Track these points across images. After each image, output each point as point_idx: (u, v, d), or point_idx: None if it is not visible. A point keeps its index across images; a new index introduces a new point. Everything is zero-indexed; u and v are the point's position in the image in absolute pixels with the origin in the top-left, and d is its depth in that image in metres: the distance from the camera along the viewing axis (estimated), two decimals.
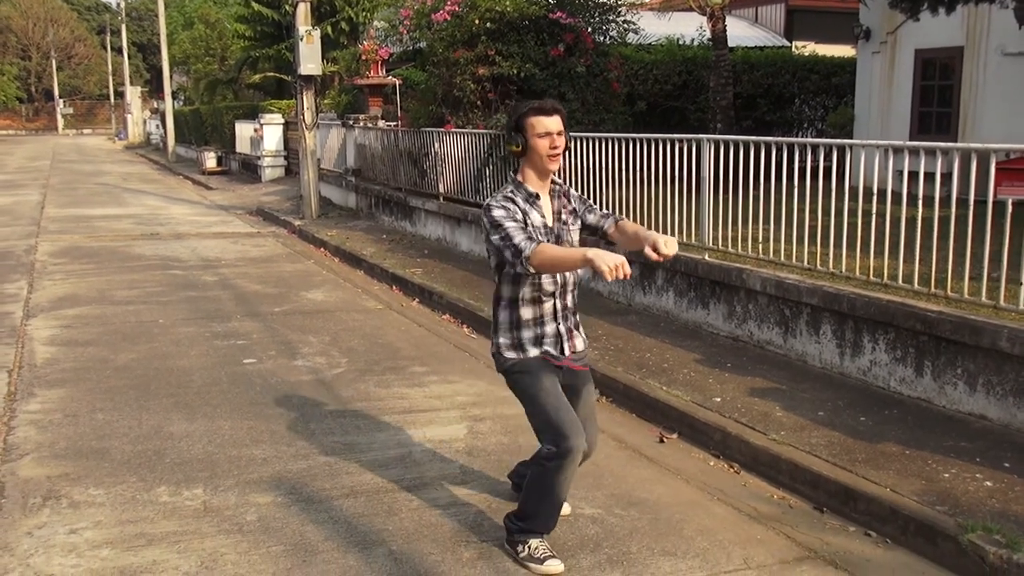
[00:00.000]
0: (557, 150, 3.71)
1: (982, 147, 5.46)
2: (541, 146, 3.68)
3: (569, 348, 3.92)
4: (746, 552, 4.05)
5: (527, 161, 3.77)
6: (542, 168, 3.75)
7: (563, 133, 3.71)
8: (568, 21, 12.32)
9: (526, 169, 3.80)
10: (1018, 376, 5.06)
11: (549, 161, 3.72)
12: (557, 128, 3.68)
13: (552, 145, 3.69)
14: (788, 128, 17.94)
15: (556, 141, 3.69)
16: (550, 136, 3.67)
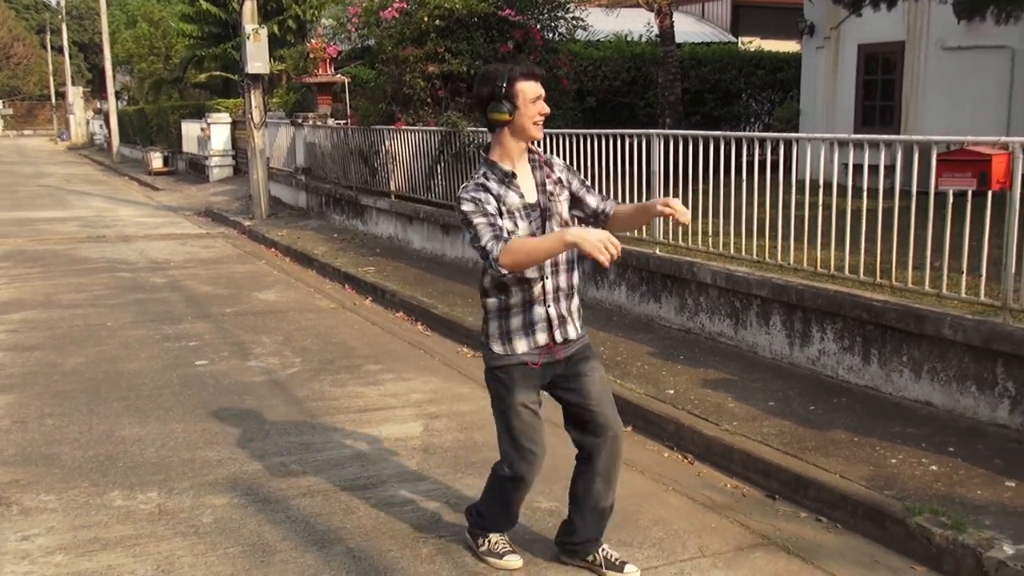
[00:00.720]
0: (543, 116, 3.45)
1: (923, 139, 5.59)
2: (531, 112, 3.39)
3: (560, 335, 3.57)
4: (701, 540, 4.11)
5: (508, 133, 3.45)
6: (526, 137, 3.45)
7: (543, 97, 3.47)
8: (517, 18, 12.35)
9: (503, 144, 3.47)
10: (961, 363, 5.19)
11: (536, 128, 3.43)
12: (541, 92, 3.43)
13: (540, 111, 3.41)
14: (736, 123, 18.16)
15: (544, 108, 3.43)
16: (539, 101, 3.41)
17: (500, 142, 3.49)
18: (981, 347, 5.04)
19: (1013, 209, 4.91)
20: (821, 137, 6.52)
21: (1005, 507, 4.07)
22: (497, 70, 3.43)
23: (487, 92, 3.40)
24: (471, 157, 10.56)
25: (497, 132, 3.47)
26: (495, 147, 3.51)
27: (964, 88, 13.16)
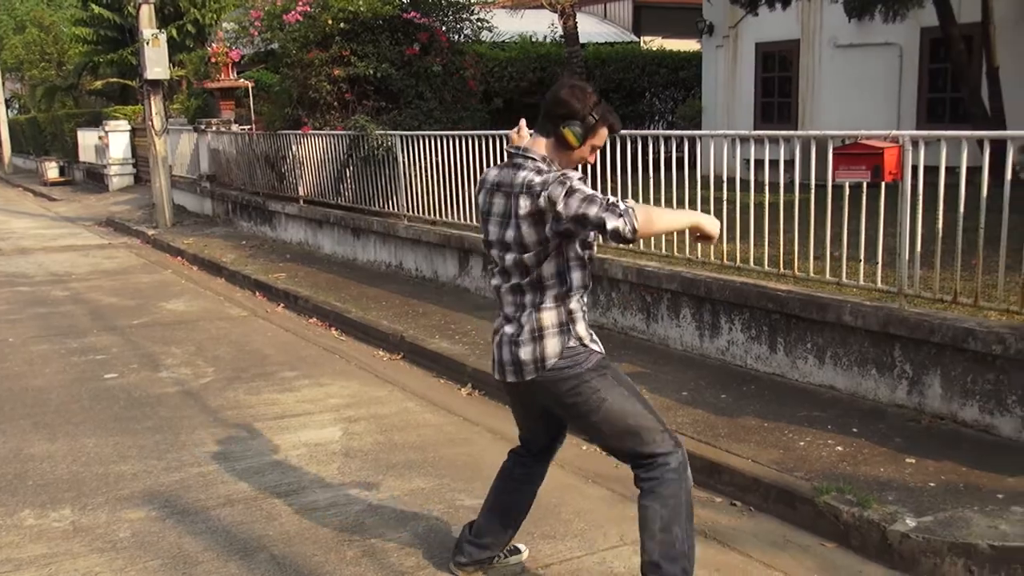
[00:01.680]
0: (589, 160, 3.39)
1: (820, 134, 5.81)
2: (587, 153, 3.29)
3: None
4: (621, 530, 4.21)
5: (565, 150, 3.27)
6: (566, 164, 3.30)
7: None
8: (422, 20, 12.36)
9: (551, 154, 3.29)
10: (862, 347, 5.41)
11: (582, 163, 3.37)
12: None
13: (590, 158, 3.34)
14: (640, 121, 18.49)
15: (595, 156, 3.39)
16: (597, 150, 3.38)
17: (550, 150, 3.28)
18: (880, 332, 5.27)
19: (905, 199, 5.14)
20: (723, 134, 6.70)
21: (906, 483, 4.27)
22: (594, 96, 3.26)
23: (576, 107, 3.21)
24: (380, 160, 10.54)
25: (550, 140, 3.27)
26: (546, 150, 3.30)
27: (856, 84, 13.66)
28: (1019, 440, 4.65)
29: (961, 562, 3.69)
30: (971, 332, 4.79)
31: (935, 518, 3.90)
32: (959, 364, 4.90)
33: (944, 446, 4.69)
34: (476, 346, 7.05)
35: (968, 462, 4.45)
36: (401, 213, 10.24)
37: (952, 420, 4.96)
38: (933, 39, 12.62)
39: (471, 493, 4.63)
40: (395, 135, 10.31)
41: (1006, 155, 5.04)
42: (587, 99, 3.22)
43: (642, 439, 3.32)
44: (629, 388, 3.37)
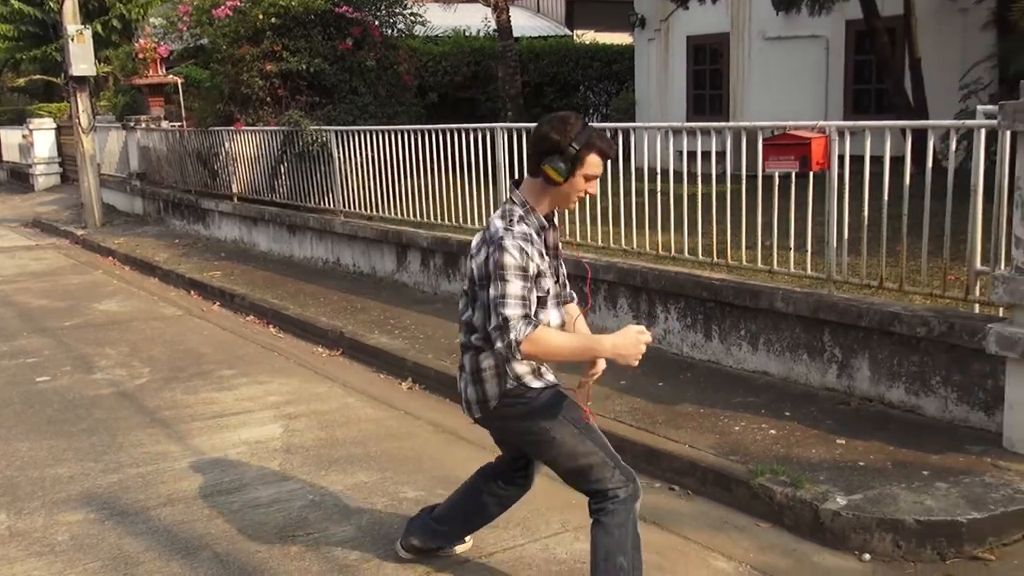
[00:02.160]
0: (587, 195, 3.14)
1: (750, 125, 5.94)
2: (581, 187, 3.06)
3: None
4: (563, 517, 4.27)
5: (551, 191, 3.09)
6: (562, 204, 3.16)
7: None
8: (355, 15, 12.29)
9: (540, 198, 3.11)
10: (793, 333, 5.56)
11: (573, 202, 3.14)
12: (601, 172, 3.11)
13: (589, 190, 3.10)
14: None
15: (593, 187, 3.11)
16: (594, 180, 3.10)
17: (536, 191, 3.11)
18: (810, 317, 5.41)
19: (832, 188, 5.29)
20: (656, 126, 6.80)
21: (837, 463, 4.40)
22: (577, 125, 3.02)
23: (555, 140, 3.00)
24: (315, 156, 10.47)
25: (537, 180, 3.09)
26: (530, 192, 3.13)
27: (785, 75, 13.93)
28: (943, 419, 4.83)
29: (889, 537, 3.82)
30: (896, 316, 4.95)
31: (864, 496, 4.03)
32: (886, 347, 5.06)
33: (873, 427, 4.84)
34: (416, 340, 7.06)
35: (895, 442, 4.60)
36: (338, 209, 10.20)
37: (880, 402, 5.12)
38: (858, 31, 12.93)
39: (414, 485, 4.66)
40: (330, 131, 10.26)
41: (927, 144, 5.21)
42: (567, 129, 2.99)
43: (592, 476, 3.23)
44: (582, 426, 3.23)
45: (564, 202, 3.12)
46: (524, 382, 3.21)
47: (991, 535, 3.81)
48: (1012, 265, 4.32)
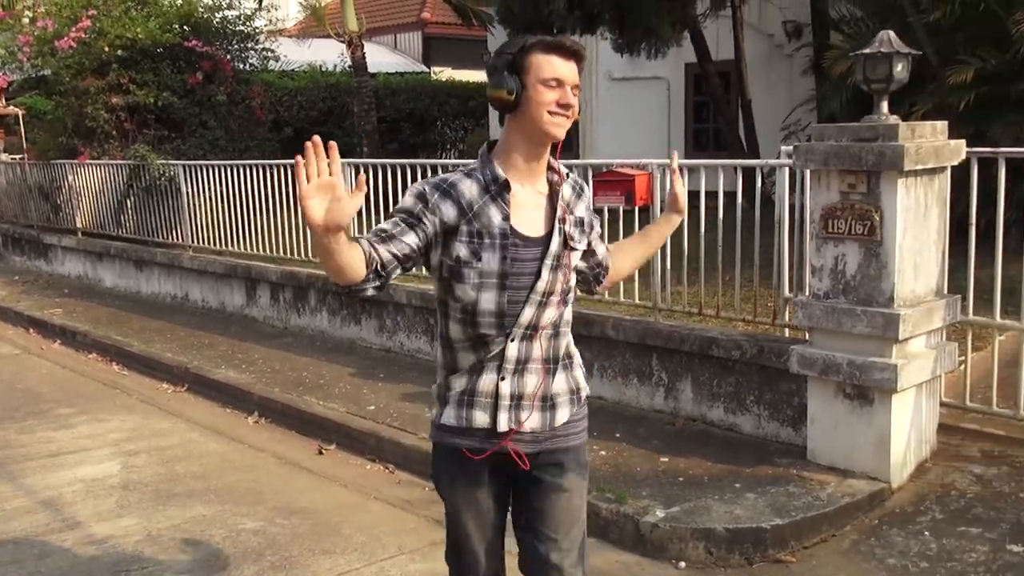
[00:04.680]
0: (567, 111, 2.38)
1: (581, 163, 6.27)
2: (544, 99, 2.35)
3: (510, 420, 2.48)
4: (400, 540, 4.40)
5: (515, 125, 2.42)
6: (538, 135, 2.40)
7: (578, 90, 2.42)
8: (205, 49, 12.23)
9: (509, 139, 2.44)
10: (624, 359, 5.86)
11: (551, 125, 2.37)
12: (573, 79, 2.38)
13: (561, 101, 2.36)
14: (432, 150, 18.88)
15: (568, 97, 2.37)
16: (562, 87, 2.36)
17: (504, 138, 2.46)
18: (639, 344, 5.73)
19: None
20: None
21: (659, 479, 4.69)
22: (518, 38, 2.43)
23: (497, 62, 2.40)
24: (163, 190, 10.33)
25: (505, 123, 2.45)
26: (499, 144, 2.48)
27: (631, 114, 14.57)
28: (757, 435, 5.20)
29: (702, 545, 4.11)
30: (714, 340, 5.31)
31: (681, 508, 4.32)
32: (706, 370, 5.42)
33: (695, 444, 5.16)
34: (263, 374, 7.07)
35: (713, 457, 4.93)
36: (186, 244, 10.08)
37: (703, 421, 5.47)
38: (696, 74, 13.66)
39: (254, 517, 4.70)
40: (178, 165, 10.15)
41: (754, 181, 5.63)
42: (504, 46, 2.43)
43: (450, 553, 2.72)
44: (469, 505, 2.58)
45: (538, 130, 2.38)
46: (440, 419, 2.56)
47: (792, 539, 4.14)
48: (809, 291, 4.72)
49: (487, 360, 2.46)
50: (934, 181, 4.54)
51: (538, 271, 2.44)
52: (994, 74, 8.34)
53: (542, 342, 2.50)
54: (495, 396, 2.47)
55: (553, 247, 2.45)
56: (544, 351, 2.51)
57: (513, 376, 2.47)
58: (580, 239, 2.55)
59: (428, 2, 22.28)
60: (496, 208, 2.41)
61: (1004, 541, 3.93)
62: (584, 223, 2.58)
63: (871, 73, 4.44)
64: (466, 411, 2.49)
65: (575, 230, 2.53)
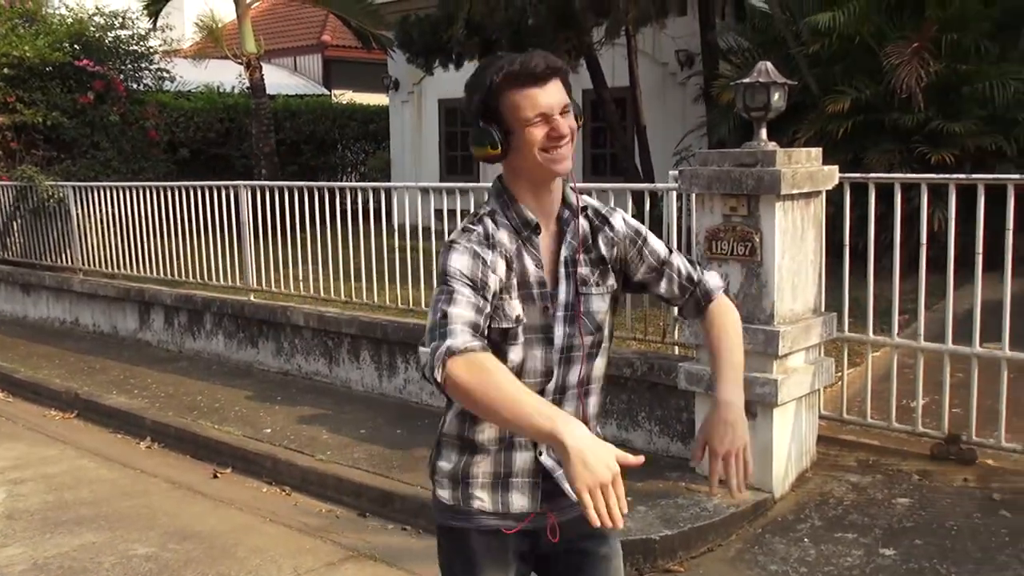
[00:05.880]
0: (561, 141, 2.03)
1: (480, 186, 6.37)
2: (533, 139, 2.01)
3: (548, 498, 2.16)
4: (296, 561, 4.40)
5: (510, 169, 2.11)
6: (538, 177, 2.07)
7: (569, 109, 2.05)
8: (96, 68, 11.98)
9: (512, 182, 2.12)
10: None
11: (550, 163, 2.03)
12: (559, 104, 2.03)
13: (553, 134, 2.02)
14: (333, 172, 18.78)
15: (559, 127, 2.02)
16: (549, 121, 2.02)
17: (507, 179, 2.14)
18: None
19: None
20: (413, 186, 7.06)
21: None
22: (484, 68, 2.07)
23: (471, 105, 2.08)
24: (52, 212, 10.07)
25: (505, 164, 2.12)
26: (507, 176, 2.14)
27: None
28: (648, 450, 5.34)
29: None
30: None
31: None
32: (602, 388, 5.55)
33: None
34: (157, 399, 6.95)
35: None
36: (76, 267, 9.82)
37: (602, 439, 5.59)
38: (592, 100, 13.96)
39: (145, 542, 4.63)
40: (68, 186, 9.90)
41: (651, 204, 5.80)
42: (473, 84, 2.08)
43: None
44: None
45: (536, 173, 2.06)
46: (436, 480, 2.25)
47: (681, 549, 4.29)
48: None
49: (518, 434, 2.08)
50: (810, 205, 4.79)
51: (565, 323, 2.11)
52: (869, 104, 8.80)
53: (571, 403, 2.17)
54: (536, 475, 2.14)
55: (561, 296, 2.11)
56: (575, 413, 2.13)
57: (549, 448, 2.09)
58: (602, 281, 2.15)
59: (328, 25, 22.19)
60: (529, 256, 2.09)
61: (877, 545, 4.15)
62: (607, 260, 2.16)
63: (750, 101, 4.67)
64: (502, 495, 2.15)
65: (591, 271, 2.14)
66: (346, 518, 4.99)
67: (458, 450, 2.19)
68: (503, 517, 2.15)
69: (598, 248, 2.16)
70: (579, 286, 2.13)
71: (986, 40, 8.74)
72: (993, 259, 4.65)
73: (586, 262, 2.14)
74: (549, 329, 2.10)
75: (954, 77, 8.62)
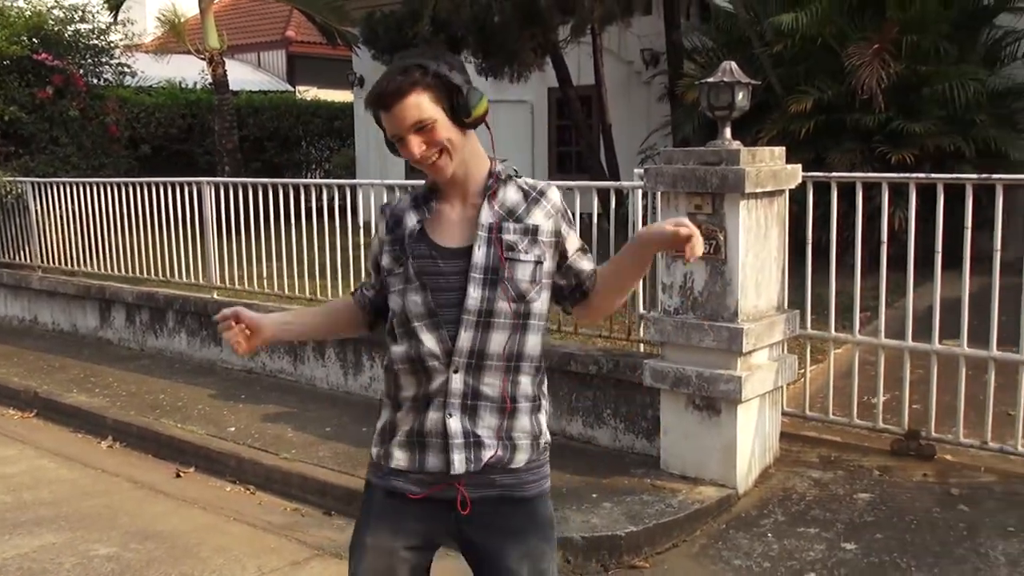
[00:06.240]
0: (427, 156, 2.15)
1: None
2: (403, 154, 2.16)
3: (464, 461, 2.18)
4: (260, 561, 4.37)
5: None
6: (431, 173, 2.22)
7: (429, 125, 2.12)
8: (55, 63, 11.81)
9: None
10: None
11: (428, 171, 2.19)
12: (408, 125, 2.12)
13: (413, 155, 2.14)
14: (297, 169, 18.66)
15: (410, 148, 2.13)
16: (409, 137, 2.13)
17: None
18: None
19: None
20: (379, 183, 7.01)
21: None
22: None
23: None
24: (9, 208, 9.90)
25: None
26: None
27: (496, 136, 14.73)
28: (614, 447, 5.37)
29: (560, 553, 4.22)
30: (572, 356, 5.47)
31: None
32: (564, 385, 5.57)
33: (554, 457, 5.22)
34: (118, 398, 6.86)
35: (571, 469, 5.07)
36: (35, 264, 9.68)
37: (562, 435, 5.60)
38: (558, 98, 14.00)
39: (107, 542, 4.57)
40: (26, 182, 9.75)
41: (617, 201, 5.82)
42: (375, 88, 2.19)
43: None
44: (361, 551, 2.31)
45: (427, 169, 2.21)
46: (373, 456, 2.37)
47: (646, 545, 4.31)
48: (661, 308, 4.94)
49: (432, 395, 2.19)
50: (773, 203, 4.83)
51: (463, 287, 2.16)
52: (831, 104, 8.89)
53: (494, 375, 2.19)
54: (445, 437, 2.18)
55: (477, 258, 2.15)
56: (500, 387, 2.19)
57: (463, 414, 2.18)
58: (529, 249, 2.18)
59: (292, 20, 22.02)
60: (414, 213, 2.26)
61: (839, 540, 4.20)
62: (540, 231, 2.21)
63: (715, 101, 4.70)
64: (419, 454, 2.22)
65: (520, 238, 2.18)
66: (311, 517, 4.97)
67: (389, 408, 2.31)
68: (417, 478, 2.22)
69: (531, 218, 2.22)
70: (505, 251, 2.17)
71: (945, 41, 8.86)
72: (952, 257, 4.73)
73: (515, 230, 2.19)
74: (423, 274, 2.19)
75: (914, 78, 8.74)
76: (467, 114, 2.15)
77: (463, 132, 2.18)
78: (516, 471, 2.24)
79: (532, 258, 2.19)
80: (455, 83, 2.14)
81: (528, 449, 2.25)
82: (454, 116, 2.15)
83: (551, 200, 2.26)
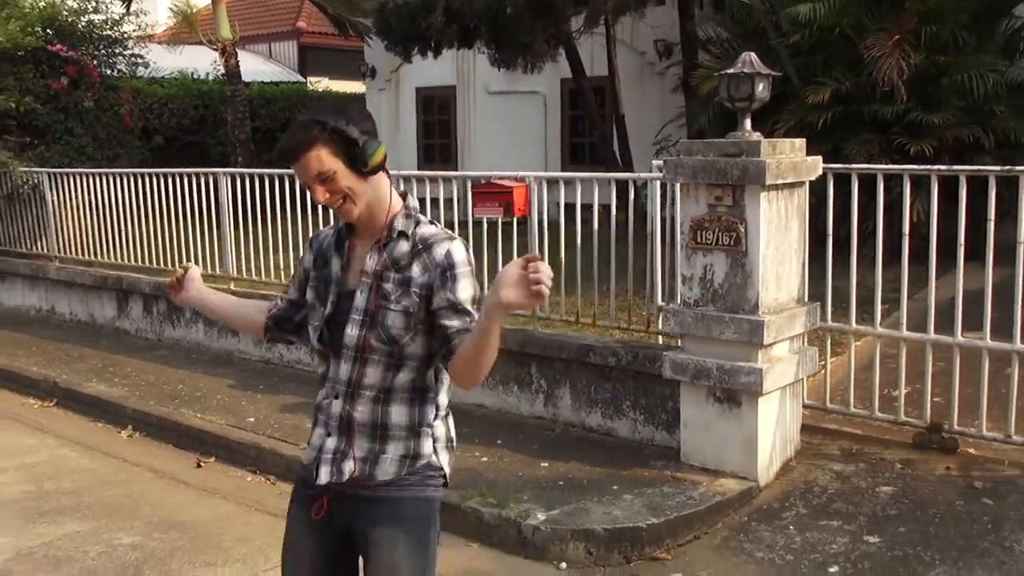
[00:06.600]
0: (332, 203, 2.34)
1: (459, 175, 6.36)
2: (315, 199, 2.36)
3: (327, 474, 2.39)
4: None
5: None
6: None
7: (330, 175, 2.28)
8: (70, 54, 11.82)
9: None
10: (504, 367, 5.96)
11: (338, 212, 2.40)
12: (311, 176, 2.30)
13: (320, 201, 2.34)
14: None
15: (318, 194, 2.33)
16: (311, 190, 2.34)
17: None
18: (519, 351, 5.84)
19: (533, 232, 5.78)
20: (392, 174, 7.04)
21: (540, 483, 4.81)
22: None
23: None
24: (26, 199, 9.94)
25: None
26: None
27: (509, 127, 14.76)
28: (633, 439, 5.38)
29: (582, 545, 4.25)
30: (591, 348, 5.48)
31: (561, 511, 4.44)
32: (583, 377, 5.57)
33: (574, 449, 5.31)
34: (136, 387, 6.89)
35: (591, 461, 5.08)
36: (52, 254, 9.71)
37: (581, 427, 5.62)
38: (571, 89, 13.96)
39: (130, 532, 4.60)
40: (43, 172, 9.78)
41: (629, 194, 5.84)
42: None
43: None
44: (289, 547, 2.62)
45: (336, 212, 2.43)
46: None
47: (668, 537, 4.32)
48: (680, 300, 4.93)
49: (319, 413, 2.47)
50: (794, 195, 4.82)
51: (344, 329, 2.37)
52: (849, 95, 8.86)
53: (365, 405, 2.39)
54: (319, 449, 2.43)
55: (358, 302, 2.36)
56: (368, 415, 2.39)
57: (340, 436, 2.40)
58: (400, 299, 2.33)
59: (304, 11, 22.01)
60: (337, 258, 2.45)
61: (862, 532, 4.20)
62: (413, 282, 2.34)
63: (735, 92, 4.69)
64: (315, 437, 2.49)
65: (395, 288, 2.34)
66: None
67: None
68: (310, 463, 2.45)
69: (410, 269, 2.36)
70: (379, 299, 2.35)
71: (963, 32, 8.81)
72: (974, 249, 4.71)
73: (393, 280, 2.36)
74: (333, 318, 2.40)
75: (933, 69, 8.69)
76: (364, 164, 2.30)
77: (364, 180, 2.33)
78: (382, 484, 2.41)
79: (401, 308, 2.34)
80: (351, 136, 2.29)
81: (398, 467, 2.42)
82: (353, 166, 2.30)
83: (433, 255, 2.35)
